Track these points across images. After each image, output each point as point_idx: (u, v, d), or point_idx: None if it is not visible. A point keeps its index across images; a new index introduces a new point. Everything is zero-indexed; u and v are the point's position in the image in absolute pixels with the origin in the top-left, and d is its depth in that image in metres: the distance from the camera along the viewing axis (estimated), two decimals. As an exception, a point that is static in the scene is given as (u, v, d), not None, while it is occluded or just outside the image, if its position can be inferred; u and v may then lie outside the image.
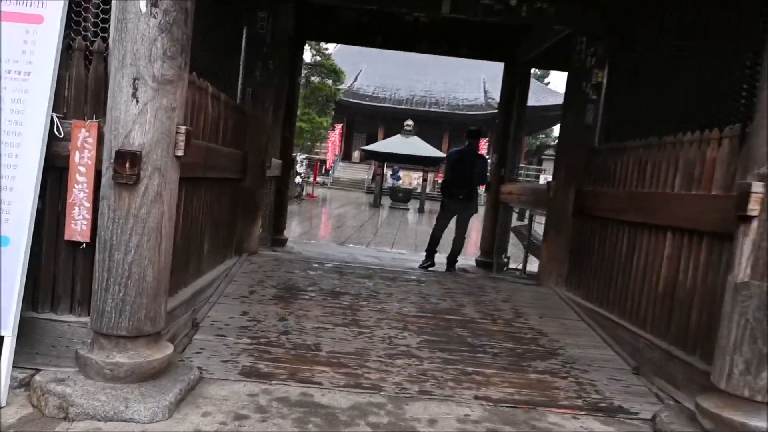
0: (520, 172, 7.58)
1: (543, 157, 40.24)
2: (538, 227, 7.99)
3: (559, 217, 4.76)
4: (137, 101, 2.29)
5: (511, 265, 7.39)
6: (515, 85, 7.28)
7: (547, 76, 53.58)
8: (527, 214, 6.79)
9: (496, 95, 36.56)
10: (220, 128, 3.84)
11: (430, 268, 6.35)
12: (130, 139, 2.29)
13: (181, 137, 2.42)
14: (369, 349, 3.12)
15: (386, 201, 22.53)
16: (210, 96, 3.52)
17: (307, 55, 21.27)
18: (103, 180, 2.34)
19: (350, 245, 9.49)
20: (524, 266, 6.60)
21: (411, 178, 32.30)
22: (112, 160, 2.28)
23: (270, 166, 5.00)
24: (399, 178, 30.01)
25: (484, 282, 5.01)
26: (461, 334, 3.51)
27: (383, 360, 2.98)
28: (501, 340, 3.47)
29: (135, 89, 2.30)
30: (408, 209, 21.69)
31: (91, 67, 2.52)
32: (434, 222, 6.61)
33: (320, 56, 20.89)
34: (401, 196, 22.05)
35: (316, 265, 4.98)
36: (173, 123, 2.38)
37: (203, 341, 2.99)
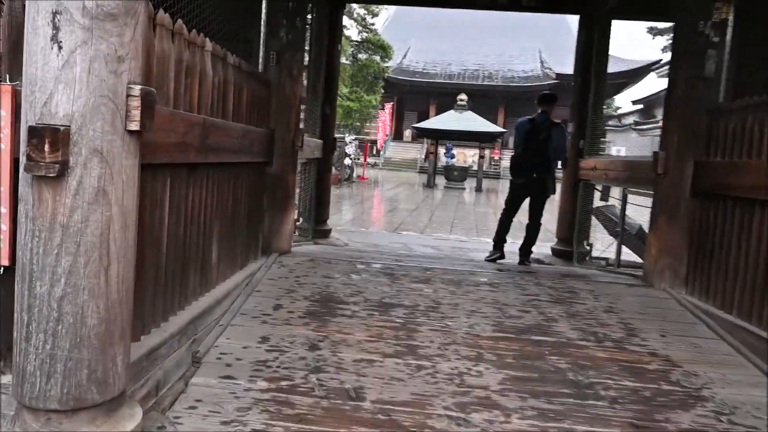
0: (601, 143, 6.44)
1: (606, 128, 37.97)
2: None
3: (672, 199, 3.67)
4: (60, 48, 1.46)
5: (594, 253, 6.29)
6: (593, 41, 6.10)
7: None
8: (619, 194, 5.64)
9: (553, 65, 34.61)
10: (230, 99, 2.99)
11: (500, 261, 5.37)
12: (51, 107, 1.46)
13: (135, 102, 1.56)
14: (431, 395, 2.22)
15: (440, 180, 21.47)
16: (210, 55, 2.66)
17: (354, 32, 20.36)
18: (20, 173, 1.53)
19: (404, 232, 8.59)
20: (618, 258, 5.47)
21: (465, 156, 30.97)
22: (26, 141, 1.46)
23: (302, 146, 4.14)
24: (453, 156, 28.79)
25: (574, 283, 3.98)
26: (558, 365, 2.55)
27: (453, 415, 2.07)
28: (616, 374, 2.48)
29: (56, 29, 1.46)
30: (464, 188, 20.57)
31: (5, 4, 1.70)
32: (495, 202, 5.58)
33: (367, 32, 19.90)
34: (456, 175, 20.93)
35: (361, 266, 4.09)
36: (121, 81, 1.54)
37: (203, 388, 2.17)
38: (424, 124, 21.13)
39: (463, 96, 20.83)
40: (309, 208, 6.18)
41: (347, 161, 19.03)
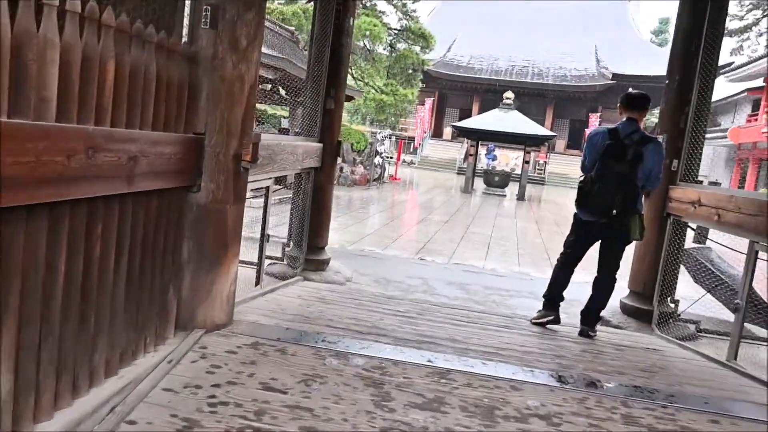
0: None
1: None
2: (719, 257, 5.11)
3: None
4: None
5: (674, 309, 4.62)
6: (700, 23, 4.41)
7: (664, 32, 47.06)
8: (742, 247, 3.85)
9: (610, 64, 32.18)
10: (107, 88, 1.54)
11: (551, 326, 3.79)
12: None
13: None
14: None
15: (479, 184, 19.73)
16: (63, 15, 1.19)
17: (393, 19, 18.79)
18: None
19: (428, 259, 7.02)
20: (735, 345, 3.61)
21: (508, 158, 28.98)
22: None
23: (256, 158, 2.62)
24: (495, 158, 26.83)
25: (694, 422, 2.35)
26: None
27: None
28: None
29: None
30: (505, 195, 18.79)
31: None
32: (540, 215, 3.95)
33: (408, 19, 18.30)
34: (497, 181, 19.15)
35: (335, 361, 2.49)
36: None
37: None
38: (465, 123, 19.40)
39: (510, 94, 18.99)
40: (300, 234, 4.71)
41: (378, 160, 17.52)
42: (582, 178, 3.69)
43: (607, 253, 3.68)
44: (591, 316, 3.71)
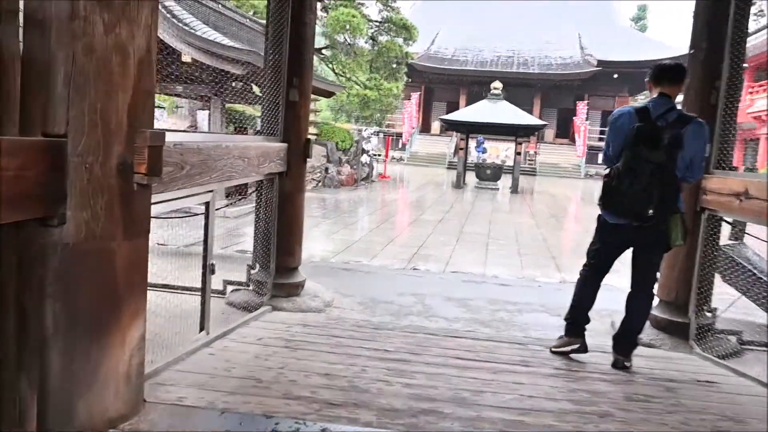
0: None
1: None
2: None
3: None
4: None
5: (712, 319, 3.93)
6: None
7: (643, 18, 46.59)
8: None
9: (594, 51, 31.57)
10: None
11: (576, 355, 3.09)
12: None
13: None
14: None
15: (471, 178, 19.02)
16: None
17: (373, 11, 18.03)
18: None
19: (421, 267, 6.30)
20: None
21: (498, 150, 28.25)
22: None
23: (159, 171, 1.85)
24: (485, 150, 26.15)
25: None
26: None
27: None
28: None
29: None
30: (497, 189, 18.10)
31: None
32: (536, 208, 3.24)
33: (389, 10, 17.54)
34: (489, 174, 18.45)
35: None
36: None
37: None
38: (453, 116, 18.68)
39: (498, 84, 18.28)
40: (267, 251, 3.97)
41: (365, 158, 16.78)
42: (606, 171, 2.97)
43: (643, 263, 2.98)
44: (626, 342, 3.01)
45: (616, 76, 30.45)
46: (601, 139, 31.28)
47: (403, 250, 7.35)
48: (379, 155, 20.96)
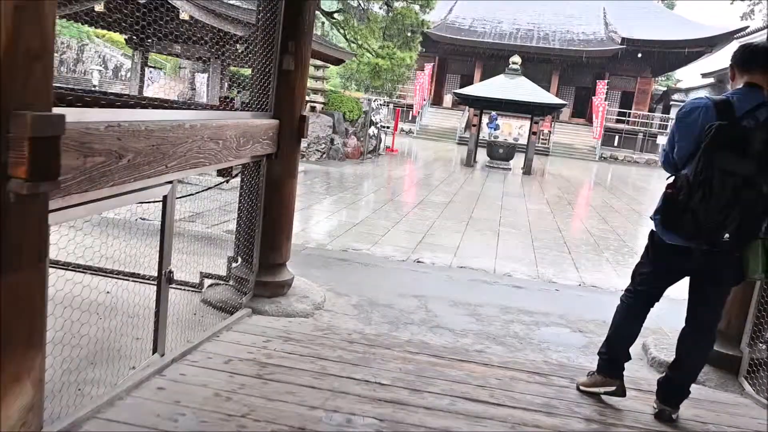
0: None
1: (672, 102, 33.40)
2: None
3: None
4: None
5: None
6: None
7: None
8: None
9: (619, 27, 30.31)
10: None
11: (610, 397, 2.54)
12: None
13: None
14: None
15: (481, 156, 18.30)
16: None
17: (390, -26, 17.04)
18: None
19: (426, 257, 5.73)
20: None
21: (511, 127, 27.31)
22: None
23: (56, 173, 1.27)
24: (497, 128, 25.27)
25: None
26: None
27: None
28: None
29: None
30: (509, 169, 17.41)
31: None
32: (551, 193, 2.69)
33: (406, -25, 16.57)
34: (501, 153, 17.72)
35: None
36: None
37: None
38: (468, 90, 17.84)
39: (516, 59, 17.37)
40: (250, 244, 3.40)
41: (372, 130, 16.07)
42: (670, 180, 2.35)
43: (707, 296, 2.39)
44: (678, 390, 2.44)
45: (640, 55, 29.27)
46: (619, 121, 30.33)
47: (407, 237, 6.78)
48: (388, 127, 20.22)
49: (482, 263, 5.80)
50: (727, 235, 2.16)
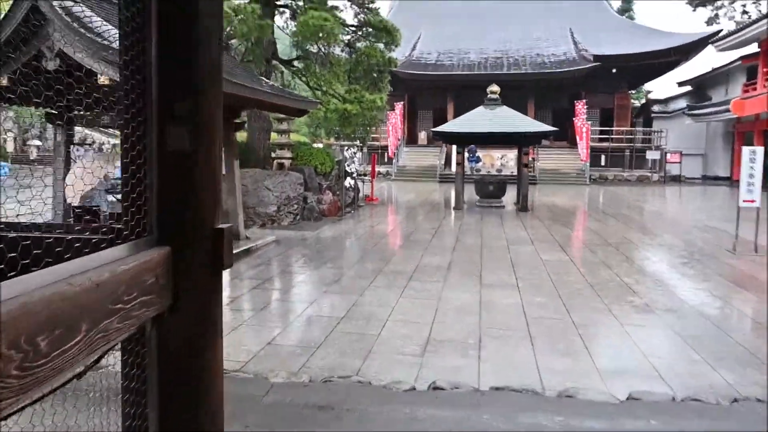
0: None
1: (653, 115, 32.55)
2: None
3: None
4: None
5: None
6: None
7: (629, 10, 45.08)
8: None
9: (588, 45, 29.58)
10: None
11: None
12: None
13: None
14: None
15: (468, 190, 16.63)
16: None
17: (348, 14, 15.87)
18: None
19: (439, 370, 4.03)
20: None
21: (492, 159, 26.15)
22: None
23: None
24: (479, 160, 23.99)
25: None
26: None
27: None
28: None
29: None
30: (503, 206, 15.93)
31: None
32: (570, 236, 1.94)
33: (366, 12, 15.38)
34: (492, 190, 16.25)
35: None
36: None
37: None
38: (447, 127, 16.47)
39: (495, 88, 16.08)
40: None
41: (348, 182, 14.54)
42: None
43: None
44: None
45: (614, 71, 28.56)
46: (603, 139, 29.32)
47: (409, 334, 5.09)
48: (365, 175, 18.74)
49: (521, 371, 4.14)
50: None
